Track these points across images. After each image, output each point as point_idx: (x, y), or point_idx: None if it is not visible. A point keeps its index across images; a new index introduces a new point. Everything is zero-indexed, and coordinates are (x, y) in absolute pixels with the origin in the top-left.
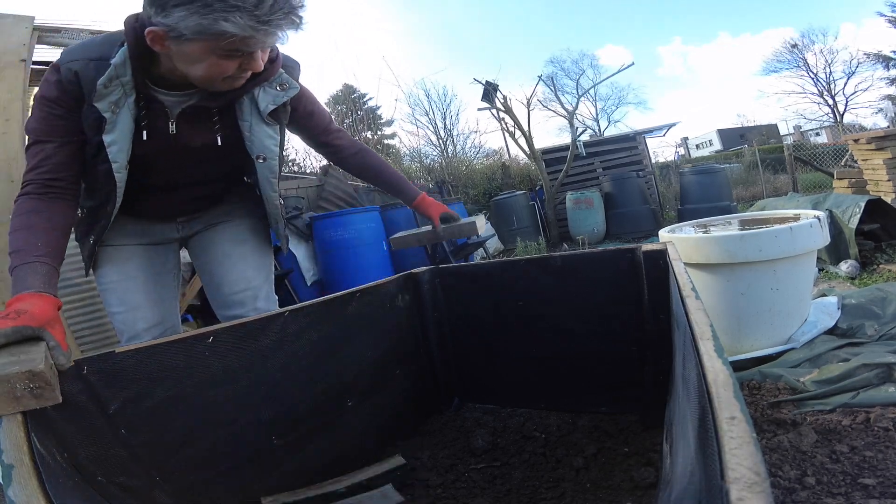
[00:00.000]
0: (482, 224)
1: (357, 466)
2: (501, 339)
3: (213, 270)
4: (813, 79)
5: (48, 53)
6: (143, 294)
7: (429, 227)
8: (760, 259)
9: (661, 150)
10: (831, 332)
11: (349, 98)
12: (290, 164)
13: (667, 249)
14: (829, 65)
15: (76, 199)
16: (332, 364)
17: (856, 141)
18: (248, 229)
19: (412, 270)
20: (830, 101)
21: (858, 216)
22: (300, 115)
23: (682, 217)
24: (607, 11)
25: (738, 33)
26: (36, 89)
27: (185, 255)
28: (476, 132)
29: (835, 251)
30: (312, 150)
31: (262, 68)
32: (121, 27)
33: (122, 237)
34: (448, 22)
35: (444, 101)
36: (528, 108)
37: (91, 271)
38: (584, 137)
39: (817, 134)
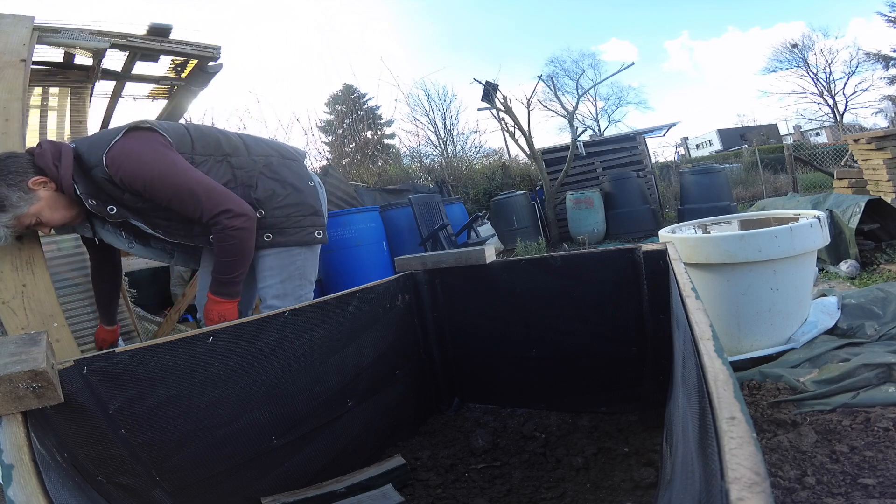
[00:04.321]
0: (491, 253)
1: (357, 466)
2: (501, 338)
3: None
4: (813, 79)
5: (48, 53)
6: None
7: (440, 252)
8: (760, 259)
9: (661, 150)
10: (831, 332)
11: (349, 98)
12: None
13: (667, 249)
14: (829, 64)
15: None
16: (332, 364)
17: (856, 141)
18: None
19: (412, 270)
20: (830, 101)
21: (858, 216)
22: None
23: (682, 217)
24: (613, 4)
25: (747, 27)
26: (36, 89)
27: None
28: (476, 132)
29: (835, 251)
30: (312, 151)
31: (33, 223)
32: (120, 28)
33: None
34: (448, 21)
35: (444, 101)
36: (528, 108)
37: None
38: (584, 137)
39: (817, 134)
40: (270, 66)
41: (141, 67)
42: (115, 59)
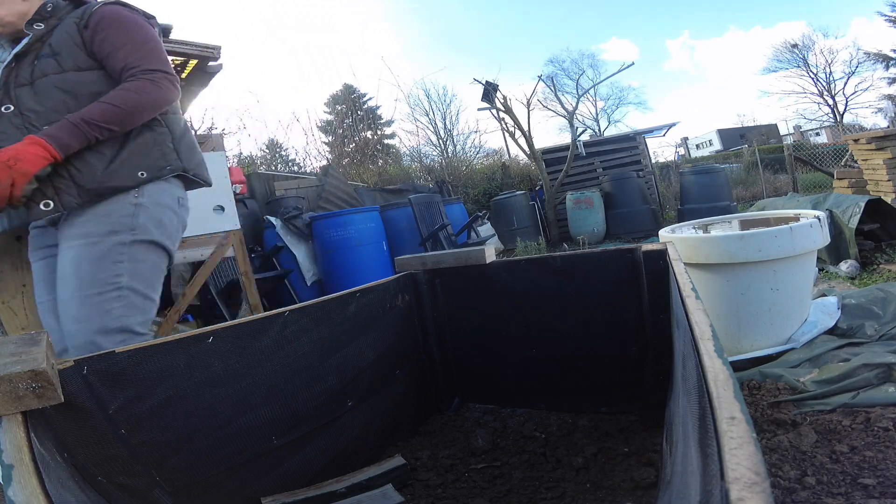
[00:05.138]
0: (491, 253)
1: (357, 466)
2: (501, 339)
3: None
4: (813, 79)
5: None
6: (52, 315)
7: (440, 252)
8: (760, 259)
9: (661, 150)
10: (831, 332)
11: (349, 98)
12: (289, 164)
13: (667, 249)
14: (829, 64)
15: None
16: (332, 364)
17: (856, 141)
18: (76, 254)
19: (412, 270)
20: (830, 101)
21: (858, 216)
22: (92, 40)
23: (682, 217)
24: (614, 3)
25: (748, 27)
26: None
27: (186, 255)
28: (476, 132)
29: (835, 251)
30: (312, 151)
31: None
32: None
33: (33, 250)
34: (448, 21)
35: (444, 101)
36: (528, 108)
37: None
38: (584, 137)
39: (817, 134)
40: (270, 66)
41: None
42: None
